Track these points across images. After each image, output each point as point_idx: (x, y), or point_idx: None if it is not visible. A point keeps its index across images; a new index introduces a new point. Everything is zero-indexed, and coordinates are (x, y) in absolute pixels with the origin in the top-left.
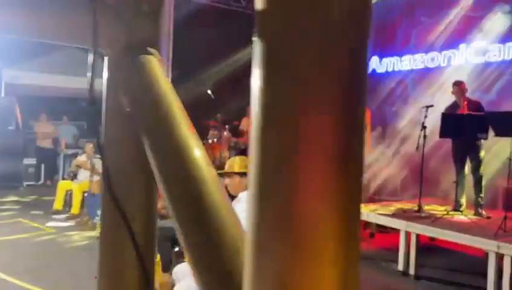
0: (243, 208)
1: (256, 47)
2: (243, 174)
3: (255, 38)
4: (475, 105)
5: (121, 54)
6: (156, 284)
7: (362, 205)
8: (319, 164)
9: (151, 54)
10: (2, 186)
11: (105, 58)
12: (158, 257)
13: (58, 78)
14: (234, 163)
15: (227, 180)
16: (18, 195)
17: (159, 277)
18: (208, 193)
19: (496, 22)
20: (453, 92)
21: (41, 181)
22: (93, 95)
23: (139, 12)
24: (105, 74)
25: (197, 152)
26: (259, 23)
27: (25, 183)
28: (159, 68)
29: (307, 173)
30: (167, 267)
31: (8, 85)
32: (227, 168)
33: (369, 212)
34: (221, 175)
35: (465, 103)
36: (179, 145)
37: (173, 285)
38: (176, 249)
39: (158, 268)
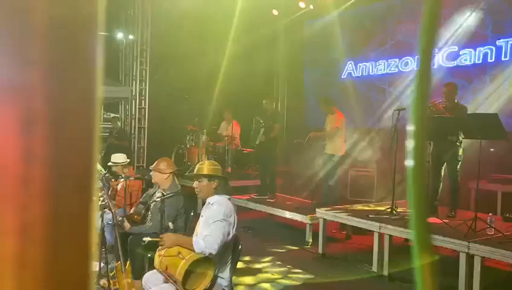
0: (212, 213)
1: None
2: (211, 177)
3: None
4: (460, 108)
5: None
6: None
7: (337, 207)
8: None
9: None
10: None
11: None
12: (128, 264)
13: None
14: (203, 166)
15: (196, 183)
16: None
17: (128, 284)
18: None
19: (468, 26)
20: (443, 93)
21: None
22: None
23: None
24: None
25: None
26: None
27: None
28: None
29: None
30: (140, 274)
31: None
32: (196, 170)
33: (344, 214)
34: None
35: (443, 105)
36: None
37: None
38: (149, 255)
39: (129, 275)
